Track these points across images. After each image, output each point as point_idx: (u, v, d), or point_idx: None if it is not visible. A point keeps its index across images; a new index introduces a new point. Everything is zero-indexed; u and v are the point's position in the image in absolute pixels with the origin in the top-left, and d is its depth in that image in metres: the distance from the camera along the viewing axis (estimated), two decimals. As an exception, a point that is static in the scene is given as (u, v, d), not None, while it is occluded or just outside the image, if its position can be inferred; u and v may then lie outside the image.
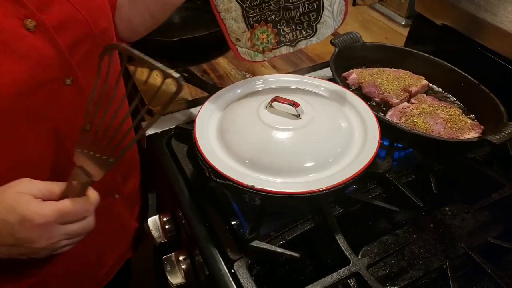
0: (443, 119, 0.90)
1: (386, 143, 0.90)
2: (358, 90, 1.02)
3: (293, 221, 0.78)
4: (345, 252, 0.70)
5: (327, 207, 0.76)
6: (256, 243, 0.71)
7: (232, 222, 0.80)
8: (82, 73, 0.60)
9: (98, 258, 0.83)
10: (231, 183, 0.70)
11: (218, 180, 0.70)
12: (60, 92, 0.58)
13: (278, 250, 0.71)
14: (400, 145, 0.92)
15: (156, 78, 1.10)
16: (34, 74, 0.52)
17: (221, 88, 0.95)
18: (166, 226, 0.90)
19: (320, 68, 1.18)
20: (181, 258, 0.84)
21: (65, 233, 0.52)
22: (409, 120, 0.89)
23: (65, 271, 0.75)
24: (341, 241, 0.72)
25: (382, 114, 0.94)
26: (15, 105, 0.52)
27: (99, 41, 0.63)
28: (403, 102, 0.96)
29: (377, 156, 0.78)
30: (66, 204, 0.50)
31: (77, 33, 0.58)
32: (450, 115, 0.91)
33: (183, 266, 0.83)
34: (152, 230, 0.90)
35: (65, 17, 0.55)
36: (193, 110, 1.03)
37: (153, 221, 0.91)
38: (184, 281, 0.83)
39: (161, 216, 0.92)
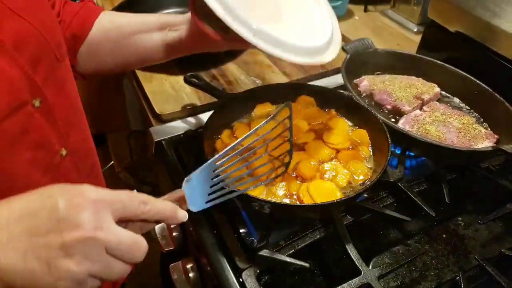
0: (456, 128, 0.88)
1: (398, 151, 0.89)
2: (370, 97, 1.00)
3: (303, 230, 0.77)
4: (356, 263, 0.69)
5: (338, 216, 0.75)
6: (265, 252, 0.70)
7: (241, 230, 0.79)
8: (48, 92, 0.56)
9: None
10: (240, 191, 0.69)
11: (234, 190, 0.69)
12: (32, 116, 0.53)
13: (288, 259, 0.70)
14: (412, 154, 0.90)
15: (164, 84, 1.10)
16: (4, 99, 0.48)
17: (231, 93, 0.95)
18: (174, 233, 0.89)
19: (331, 75, 1.17)
20: (188, 266, 0.83)
21: (113, 249, 0.40)
22: (422, 128, 0.88)
23: None
24: (351, 251, 0.70)
25: (394, 121, 0.92)
26: None
27: (57, 56, 0.59)
28: (415, 110, 0.94)
29: (389, 164, 0.77)
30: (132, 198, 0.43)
31: (35, 49, 0.54)
32: (463, 123, 0.89)
33: (191, 275, 0.82)
34: (159, 237, 0.89)
35: (20, 33, 0.51)
36: (202, 116, 1.02)
37: (160, 228, 0.91)
38: (191, 289, 0.82)
39: (168, 224, 0.91)
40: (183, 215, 0.49)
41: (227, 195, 0.57)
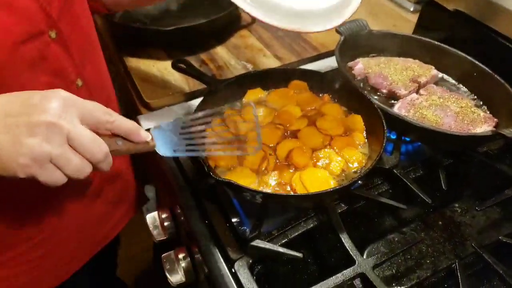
0: (454, 112, 0.85)
1: (393, 136, 0.87)
2: (365, 81, 0.97)
3: (296, 219, 0.75)
4: (350, 252, 0.67)
5: (332, 204, 0.73)
6: (257, 243, 0.69)
7: (233, 220, 0.76)
8: (63, 26, 0.61)
9: (103, 214, 0.84)
10: (231, 181, 0.67)
11: (218, 179, 0.67)
12: (49, 46, 0.58)
13: (280, 250, 0.68)
14: (408, 139, 0.88)
15: (152, 70, 1.07)
16: (23, 26, 0.54)
17: (220, 79, 0.92)
18: (165, 223, 0.87)
19: (325, 57, 1.13)
20: (180, 256, 0.81)
21: (73, 139, 0.45)
22: (418, 113, 0.85)
23: (70, 227, 0.76)
24: (346, 241, 0.69)
25: (389, 105, 0.90)
26: (14, 55, 0.53)
27: (88, 35, 0.65)
28: (411, 94, 0.92)
29: (384, 150, 0.74)
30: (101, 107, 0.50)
31: None
32: (461, 107, 0.86)
33: (183, 265, 0.80)
34: (150, 227, 0.88)
35: None
36: (192, 103, 0.99)
37: (151, 218, 0.89)
38: (184, 280, 0.81)
39: (160, 213, 0.89)
40: (146, 135, 0.54)
41: (192, 152, 0.63)
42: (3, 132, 0.43)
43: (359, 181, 0.77)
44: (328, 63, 1.11)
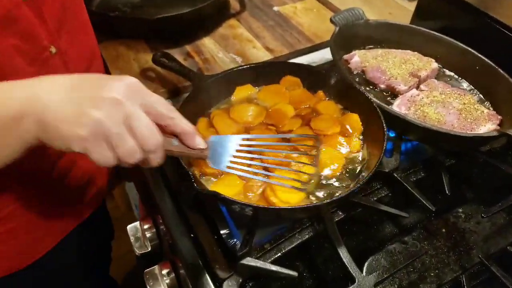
0: (456, 109, 0.80)
1: (392, 134, 0.81)
2: (361, 75, 0.91)
3: (290, 230, 0.69)
4: (349, 269, 0.62)
5: (328, 213, 0.67)
6: (248, 261, 0.63)
7: (221, 231, 0.71)
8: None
9: (75, 191, 0.81)
10: (216, 193, 0.61)
11: (203, 191, 0.61)
12: (19, 7, 0.56)
13: (274, 268, 0.63)
14: (408, 138, 0.82)
15: (133, 65, 0.99)
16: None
17: (206, 75, 0.84)
18: (148, 234, 0.81)
19: (319, 49, 1.06)
20: (164, 272, 0.75)
21: (132, 121, 0.45)
22: (419, 111, 0.80)
23: (40, 202, 0.74)
24: (344, 255, 0.63)
25: (388, 101, 0.84)
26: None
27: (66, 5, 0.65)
28: (411, 89, 0.86)
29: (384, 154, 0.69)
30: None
31: None
32: (464, 103, 0.81)
33: (167, 281, 0.74)
34: (132, 239, 0.81)
35: None
36: (176, 101, 0.92)
37: (133, 229, 0.82)
38: (169, 297, 0.75)
39: (142, 223, 0.83)
40: (201, 142, 0.55)
41: (246, 173, 0.61)
42: (68, 103, 0.44)
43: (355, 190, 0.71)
44: (322, 55, 1.04)
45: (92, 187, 0.85)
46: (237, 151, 0.60)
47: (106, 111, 0.44)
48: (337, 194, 0.67)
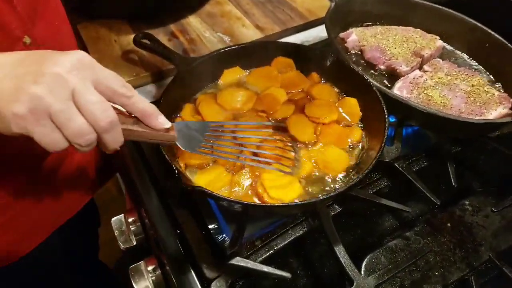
0: (464, 91, 0.73)
1: (392, 119, 0.75)
2: (359, 55, 0.84)
3: (282, 226, 0.64)
4: (347, 269, 0.57)
5: (324, 210, 0.62)
6: (237, 261, 0.58)
7: (210, 226, 0.66)
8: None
9: (64, 186, 0.78)
10: (203, 189, 0.55)
11: (188, 186, 0.56)
12: None
13: (265, 269, 0.58)
14: (410, 124, 0.76)
15: (114, 46, 0.91)
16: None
17: (191, 58, 0.77)
18: (132, 228, 0.76)
19: (313, 27, 0.99)
20: (150, 268, 0.70)
21: (78, 97, 0.41)
22: (423, 94, 0.73)
23: (29, 197, 0.71)
24: (341, 255, 0.58)
25: (388, 85, 0.77)
26: None
27: None
28: (414, 70, 0.79)
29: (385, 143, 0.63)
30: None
31: None
32: (472, 85, 0.74)
33: (153, 278, 0.69)
34: (116, 232, 0.76)
35: None
36: (160, 85, 0.85)
37: (117, 222, 0.77)
38: (155, 294, 0.70)
39: (126, 216, 0.77)
40: (164, 121, 0.50)
41: (219, 156, 0.59)
42: (7, 79, 0.40)
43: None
44: (317, 33, 0.97)
45: (83, 182, 0.81)
46: (206, 136, 0.57)
47: (47, 86, 0.40)
48: (332, 187, 0.61)
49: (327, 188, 0.62)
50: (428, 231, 0.65)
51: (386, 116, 0.65)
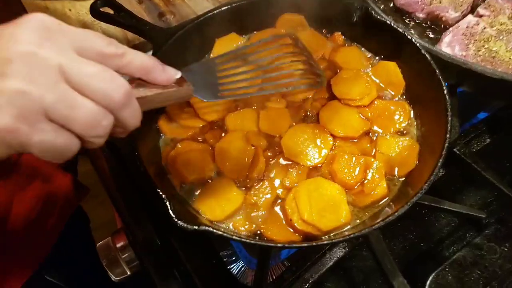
0: (538, 40, 0.56)
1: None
2: (388, 2, 0.65)
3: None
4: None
5: (376, 237, 0.46)
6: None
7: (221, 253, 0.51)
8: None
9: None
10: (208, 229, 0.39)
11: (187, 226, 0.40)
12: None
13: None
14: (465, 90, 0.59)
15: (69, 17, 0.71)
16: None
17: (170, 28, 0.58)
18: (123, 255, 0.61)
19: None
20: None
21: (72, 75, 0.31)
22: (483, 49, 0.56)
23: None
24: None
25: (431, 37, 0.59)
26: None
27: None
28: (465, 16, 0.60)
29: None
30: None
31: None
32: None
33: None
34: (104, 262, 0.61)
35: None
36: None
37: (104, 248, 0.62)
38: None
39: (114, 240, 0.62)
40: (173, 71, 0.39)
41: (242, 94, 0.49)
42: None
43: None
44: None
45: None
46: (222, 73, 0.48)
47: (23, 74, 0.30)
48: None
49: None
50: (505, 235, 0.50)
51: (444, 84, 0.48)
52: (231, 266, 0.52)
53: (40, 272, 0.71)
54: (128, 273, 0.63)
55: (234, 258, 0.52)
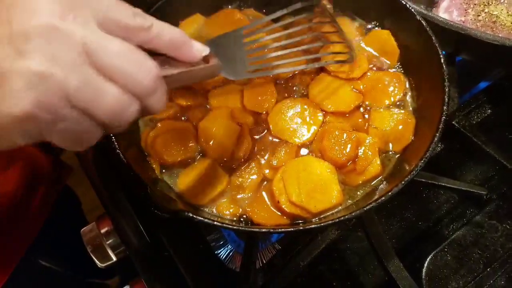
0: (542, 3, 0.52)
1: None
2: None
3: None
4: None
5: (371, 219, 0.44)
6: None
7: (208, 237, 0.49)
8: None
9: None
10: (189, 215, 0.37)
11: (166, 214, 0.38)
12: None
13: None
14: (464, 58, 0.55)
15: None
16: None
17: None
18: (108, 241, 0.58)
19: None
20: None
21: (96, 55, 0.27)
22: (483, 14, 0.52)
23: None
24: (396, 271, 0.41)
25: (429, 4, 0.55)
26: None
27: None
28: (465, -21, 0.56)
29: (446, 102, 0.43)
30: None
31: None
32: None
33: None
34: (88, 246, 0.59)
35: None
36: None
37: (89, 232, 0.59)
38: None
39: (99, 225, 0.59)
40: (202, 47, 0.34)
41: (272, 70, 0.46)
42: None
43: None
44: None
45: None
46: (248, 48, 0.44)
47: (44, 52, 0.26)
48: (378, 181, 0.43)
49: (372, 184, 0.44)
50: (507, 211, 0.48)
51: (441, 52, 0.45)
52: (219, 251, 0.49)
53: (31, 256, 0.70)
54: (114, 259, 0.60)
55: (222, 242, 0.50)
